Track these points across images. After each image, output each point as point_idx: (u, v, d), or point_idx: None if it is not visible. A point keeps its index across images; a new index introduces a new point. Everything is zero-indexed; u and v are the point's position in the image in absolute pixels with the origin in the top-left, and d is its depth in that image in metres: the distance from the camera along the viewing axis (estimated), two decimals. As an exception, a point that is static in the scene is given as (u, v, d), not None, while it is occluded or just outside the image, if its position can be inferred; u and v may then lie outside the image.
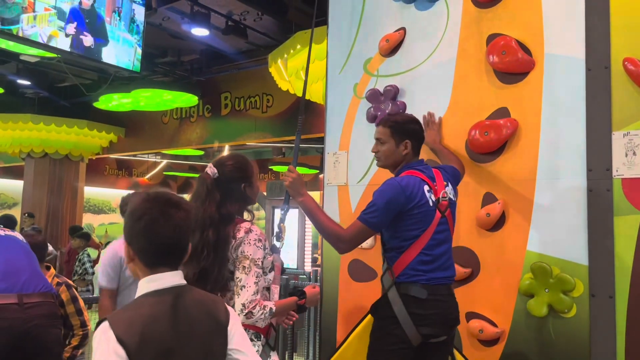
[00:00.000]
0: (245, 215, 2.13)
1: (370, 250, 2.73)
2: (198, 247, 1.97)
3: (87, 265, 6.74)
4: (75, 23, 4.93)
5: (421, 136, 2.34)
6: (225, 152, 12.42)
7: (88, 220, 12.79)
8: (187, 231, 1.36)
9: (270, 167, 12.47)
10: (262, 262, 1.99)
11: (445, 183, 2.25)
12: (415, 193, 2.15)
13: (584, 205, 2.22)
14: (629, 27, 2.18)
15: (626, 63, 2.16)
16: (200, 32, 6.36)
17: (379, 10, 2.89)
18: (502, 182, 2.42)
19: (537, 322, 2.27)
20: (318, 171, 11.30)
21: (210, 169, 2.07)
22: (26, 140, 9.52)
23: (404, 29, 2.79)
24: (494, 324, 2.37)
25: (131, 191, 2.80)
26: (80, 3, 5.02)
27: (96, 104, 8.60)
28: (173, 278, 1.34)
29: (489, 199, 2.44)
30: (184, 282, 1.37)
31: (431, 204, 2.18)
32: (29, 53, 6.28)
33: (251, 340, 1.95)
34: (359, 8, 2.95)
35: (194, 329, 1.31)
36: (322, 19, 3.25)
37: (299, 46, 5.50)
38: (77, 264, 6.82)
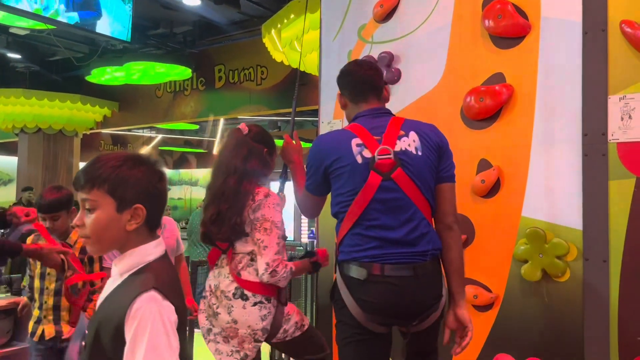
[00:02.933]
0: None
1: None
2: (219, 192, 2.11)
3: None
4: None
5: (353, 80, 1.98)
6: (221, 125, 12.36)
7: (84, 195, 12.77)
8: None
9: (266, 141, 12.43)
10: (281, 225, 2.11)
11: (401, 132, 1.84)
12: (333, 148, 1.86)
13: (579, 170, 2.21)
14: (627, -12, 2.14)
15: (623, 26, 2.13)
16: (192, 1, 6.25)
17: (373, -26, 2.83)
18: (497, 148, 2.41)
19: (531, 286, 2.29)
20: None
21: (242, 126, 2.23)
22: (19, 116, 9.42)
23: (398, -7, 2.73)
24: (488, 290, 2.39)
25: None
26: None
27: (89, 78, 8.49)
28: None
29: (484, 165, 2.43)
30: None
31: (360, 160, 1.81)
32: (19, 25, 6.18)
33: (261, 302, 2.08)
34: (353, -27, 2.89)
35: None
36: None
37: (292, 16, 5.40)
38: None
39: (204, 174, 15.65)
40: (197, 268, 4.93)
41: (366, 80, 1.97)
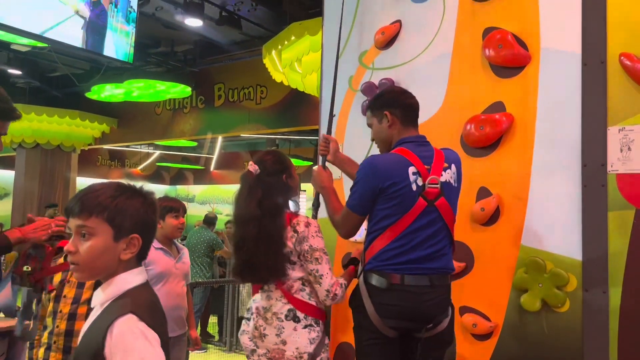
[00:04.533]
0: (291, 207, 2.28)
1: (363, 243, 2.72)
2: (240, 241, 2.17)
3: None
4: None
5: (407, 103, 2.13)
6: (219, 142, 12.37)
7: (80, 211, 12.69)
8: None
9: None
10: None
11: (445, 165, 2.04)
12: (393, 173, 1.99)
13: (578, 200, 2.22)
14: (626, 22, 2.17)
15: (622, 58, 2.15)
16: (193, 22, 6.30)
17: (375, 2, 2.86)
18: (497, 177, 2.41)
19: (530, 316, 2.28)
20: (312, 163, 11.30)
21: (252, 167, 2.23)
22: (17, 131, 9.43)
23: (399, 21, 2.76)
24: (487, 319, 2.37)
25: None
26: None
27: (88, 94, 8.52)
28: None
29: (483, 193, 2.44)
30: None
31: (414, 188, 1.98)
32: (20, 42, 6.21)
33: (311, 325, 2.16)
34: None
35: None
36: (317, 10, 3.22)
37: (293, 37, 5.46)
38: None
39: (201, 190, 15.63)
40: (194, 289, 4.91)
41: (417, 109, 2.17)
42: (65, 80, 8.87)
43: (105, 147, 11.65)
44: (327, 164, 2.45)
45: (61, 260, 2.54)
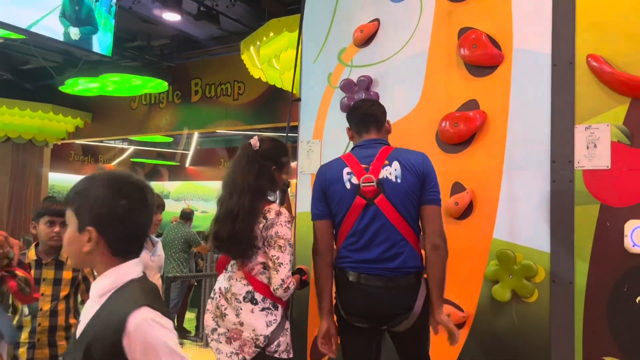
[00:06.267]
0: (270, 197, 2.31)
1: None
2: (234, 210, 2.17)
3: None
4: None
5: (353, 115, 2.25)
6: (195, 138, 12.30)
7: (52, 206, 12.46)
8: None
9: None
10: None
11: (385, 162, 2.09)
12: (330, 175, 2.13)
13: (547, 195, 2.31)
14: (593, 25, 2.27)
15: (589, 59, 2.26)
16: (171, 17, 6.26)
17: (354, 0, 2.92)
18: (470, 172, 2.50)
19: (501, 306, 2.37)
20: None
21: (254, 141, 2.28)
22: (-12, 124, 9.23)
23: (378, 20, 2.83)
24: (460, 309, 2.46)
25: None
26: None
27: (62, 88, 8.37)
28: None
29: (457, 188, 2.52)
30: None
31: (348, 186, 2.09)
32: (-7, 34, 6.08)
33: (268, 309, 2.18)
34: (334, -2, 2.98)
35: None
36: (296, 7, 3.26)
37: (271, 34, 5.47)
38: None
39: (176, 187, 15.50)
40: (171, 284, 4.90)
41: (368, 114, 2.23)
42: (38, 73, 8.70)
43: (79, 142, 11.46)
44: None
45: None
